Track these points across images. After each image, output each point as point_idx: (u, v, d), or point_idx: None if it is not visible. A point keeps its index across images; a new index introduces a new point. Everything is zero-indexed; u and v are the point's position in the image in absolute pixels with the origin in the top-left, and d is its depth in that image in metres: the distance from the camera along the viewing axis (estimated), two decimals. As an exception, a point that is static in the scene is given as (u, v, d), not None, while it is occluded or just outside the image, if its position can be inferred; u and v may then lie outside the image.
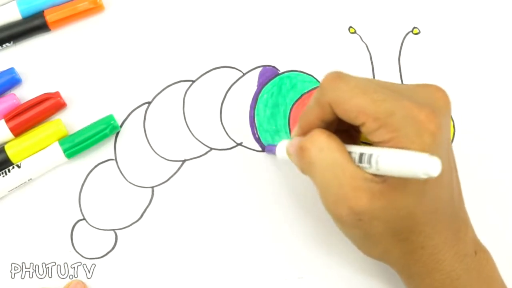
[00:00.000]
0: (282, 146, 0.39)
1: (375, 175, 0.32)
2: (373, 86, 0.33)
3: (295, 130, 0.37)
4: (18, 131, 0.43)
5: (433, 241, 0.34)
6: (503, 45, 0.47)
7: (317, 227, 0.42)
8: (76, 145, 0.43)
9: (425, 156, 0.29)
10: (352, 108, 0.32)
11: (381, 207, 0.33)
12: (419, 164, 0.29)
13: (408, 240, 0.34)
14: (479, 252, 0.36)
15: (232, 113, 0.45)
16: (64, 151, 0.43)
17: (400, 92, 0.33)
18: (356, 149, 0.33)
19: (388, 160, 0.31)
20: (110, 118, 0.43)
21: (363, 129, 0.33)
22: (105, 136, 0.43)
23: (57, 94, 0.44)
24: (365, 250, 0.37)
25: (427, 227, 0.34)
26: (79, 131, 0.43)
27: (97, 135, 0.43)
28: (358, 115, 0.32)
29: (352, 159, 0.33)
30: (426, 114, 0.31)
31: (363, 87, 0.33)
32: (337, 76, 0.34)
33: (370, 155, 0.32)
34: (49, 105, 0.44)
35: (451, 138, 0.45)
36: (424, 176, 0.29)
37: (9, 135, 0.43)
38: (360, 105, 0.32)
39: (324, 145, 0.34)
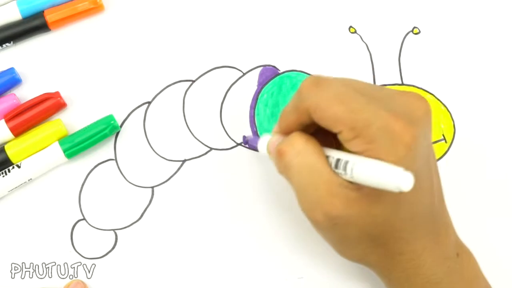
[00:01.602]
0: (264, 142, 0.38)
1: (351, 182, 0.32)
2: (352, 94, 0.32)
3: (275, 129, 0.37)
4: (18, 131, 0.43)
5: (411, 247, 0.34)
6: (503, 45, 0.47)
7: (317, 227, 0.42)
8: (76, 145, 0.43)
9: (398, 170, 0.29)
10: (330, 116, 0.32)
11: (356, 214, 0.33)
12: (392, 178, 0.29)
13: (386, 246, 0.34)
14: (461, 254, 0.36)
15: (232, 113, 0.45)
16: (64, 151, 0.43)
17: (379, 100, 0.33)
18: (334, 154, 0.33)
19: (362, 170, 0.31)
20: (110, 118, 0.43)
21: (340, 137, 0.33)
22: (105, 136, 0.43)
23: (57, 94, 0.44)
24: (343, 253, 0.37)
25: (405, 233, 0.34)
26: (79, 131, 0.43)
27: (97, 135, 0.43)
28: (335, 124, 0.32)
29: (329, 164, 0.33)
30: (402, 124, 0.31)
31: (341, 95, 0.32)
32: (316, 83, 0.33)
33: (346, 162, 0.32)
34: (49, 105, 0.44)
35: (451, 137, 0.45)
36: (396, 190, 0.29)
37: (9, 135, 0.43)
38: (337, 114, 0.32)
39: (301, 149, 0.34)
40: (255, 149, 0.43)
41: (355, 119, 0.32)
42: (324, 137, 0.34)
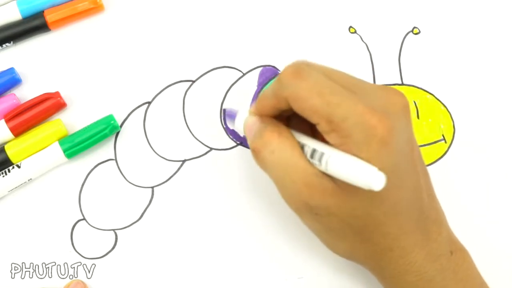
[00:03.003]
0: (240, 120, 0.38)
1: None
2: (331, 86, 0.33)
3: (251, 109, 0.37)
4: (18, 131, 0.43)
5: (401, 243, 0.34)
6: (503, 45, 0.47)
7: (317, 227, 0.42)
8: (76, 145, 0.43)
9: (370, 169, 0.30)
10: (308, 108, 0.33)
11: (334, 204, 0.33)
12: (363, 176, 0.30)
13: (373, 241, 0.35)
14: (456, 252, 0.36)
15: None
16: (64, 151, 0.43)
17: (357, 93, 0.33)
18: (310, 144, 0.33)
19: (336, 164, 0.31)
20: (110, 118, 0.43)
21: (318, 128, 0.33)
22: (105, 136, 0.43)
23: (57, 94, 0.44)
24: (331, 247, 0.37)
25: (393, 229, 0.34)
26: (79, 131, 0.43)
27: (97, 135, 0.43)
28: (313, 116, 0.32)
29: (304, 155, 0.33)
30: (378, 118, 0.31)
31: (320, 87, 0.32)
32: (297, 72, 0.33)
33: (322, 154, 0.32)
34: (49, 105, 0.44)
35: (451, 137, 0.45)
36: (367, 188, 0.30)
37: (9, 135, 0.43)
38: (315, 106, 0.32)
39: (275, 146, 0.34)
40: (230, 121, 0.42)
41: (332, 113, 0.32)
42: (301, 120, 0.34)
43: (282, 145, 0.34)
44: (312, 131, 0.35)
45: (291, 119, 0.36)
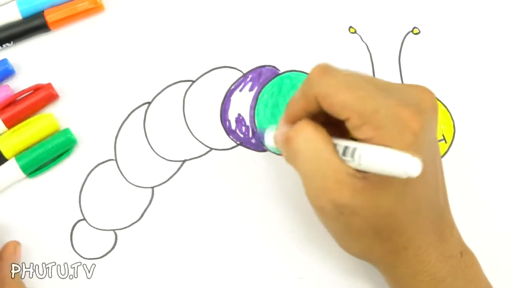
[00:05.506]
0: (270, 134, 0.38)
1: (358, 170, 0.32)
2: (360, 82, 0.33)
3: (281, 119, 0.37)
4: (11, 123, 0.43)
5: (416, 242, 0.34)
6: (503, 45, 0.47)
7: (318, 227, 0.42)
8: (35, 163, 0.43)
9: (406, 156, 0.29)
10: (338, 103, 0.33)
11: (362, 203, 0.33)
12: (400, 163, 0.29)
13: (391, 240, 0.34)
14: (465, 253, 0.36)
15: (232, 113, 0.45)
16: (22, 167, 0.43)
17: (386, 90, 0.33)
18: (341, 142, 0.33)
19: (370, 156, 0.31)
20: (66, 131, 0.43)
21: (348, 125, 0.33)
22: (66, 155, 0.43)
23: (49, 86, 0.44)
24: (346, 246, 0.37)
25: (410, 228, 0.34)
26: (36, 146, 0.43)
27: (56, 152, 0.43)
28: (343, 111, 0.32)
29: (336, 152, 0.33)
30: (410, 113, 0.31)
31: (349, 82, 0.33)
32: (325, 70, 0.34)
33: (354, 149, 0.32)
34: (41, 97, 0.43)
35: (451, 137, 0.45)
36: (404, 176, 0.29)
37: (2, 127, 0.43)
38: (345, 100, 0.32)
39: (310, 136, 0.34)
40: (261, 142, 0.42)
41: (363, 105, 0.32)
42: (330, 129, 0.34)
43: (316, 136, 0.34)
44: (339, 134, 0.35)
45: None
